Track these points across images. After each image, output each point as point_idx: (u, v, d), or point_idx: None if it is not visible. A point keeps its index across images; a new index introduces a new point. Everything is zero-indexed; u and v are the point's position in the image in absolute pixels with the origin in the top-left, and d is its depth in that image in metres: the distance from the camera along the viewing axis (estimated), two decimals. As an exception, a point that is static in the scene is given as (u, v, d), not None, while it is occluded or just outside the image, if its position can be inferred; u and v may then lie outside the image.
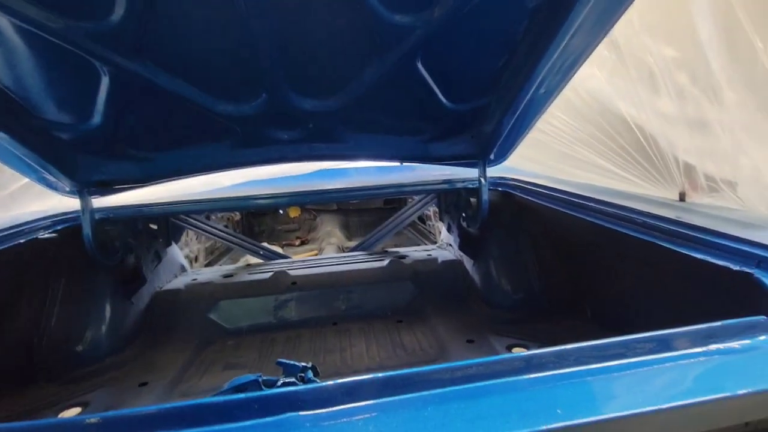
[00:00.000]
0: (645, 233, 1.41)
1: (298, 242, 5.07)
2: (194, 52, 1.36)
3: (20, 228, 1.75)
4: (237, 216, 4.91)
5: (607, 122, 1.73)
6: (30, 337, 1.83)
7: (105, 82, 1.38)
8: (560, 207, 1.87)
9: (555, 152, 2.04)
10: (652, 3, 1.40)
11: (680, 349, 0.77)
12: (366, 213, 5.43)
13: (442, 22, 1.34)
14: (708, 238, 1.22)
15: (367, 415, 0.64)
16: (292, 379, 0.72)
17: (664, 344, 0.78)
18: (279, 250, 3.74)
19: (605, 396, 0.69)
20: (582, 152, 1.90)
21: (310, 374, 0.75)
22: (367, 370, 1.91)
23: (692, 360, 0.76)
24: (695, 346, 0.78)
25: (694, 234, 1.26)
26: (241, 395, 0.63)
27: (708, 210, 1.42)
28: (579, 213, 1.74)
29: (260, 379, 0.70)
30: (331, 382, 0.67)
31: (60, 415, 1.64)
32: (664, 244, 1.31)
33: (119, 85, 1.40)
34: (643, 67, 1.48)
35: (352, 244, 4.49)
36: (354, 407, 0.65)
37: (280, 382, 0.72)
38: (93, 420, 0.62)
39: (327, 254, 4.13)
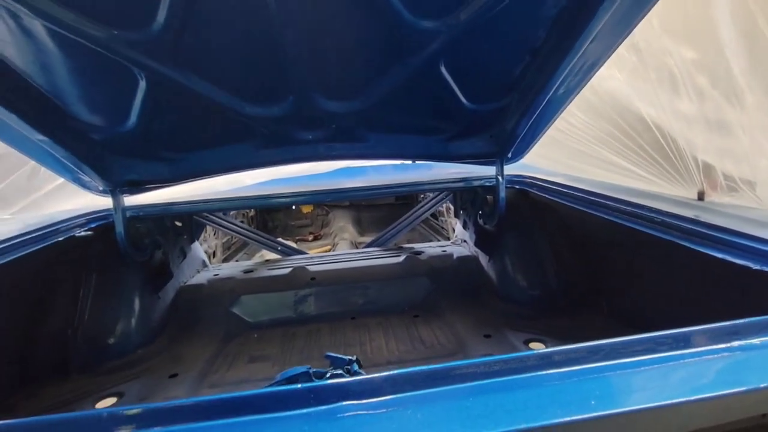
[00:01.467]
0: (663, 232, 1.44)
1: (311, 237, 5.14)
2: (227, 59, 1.42)
3: (58, 226, 1.82)
4: (252, 211, 4.99)
5: (626, 121, 1.76)
6: (66, 330, 1.91)
7: (141, 86, 1.44)
8: (577, 205, 1.90)
9: (572, 150, 2.07)
10: (673, 6, 1.42)
11: (703, 346, 0.81)
12: (378, 209, 5.49)
13: (466, 26, 1.37)
14: (727, 237, 1.25)
15: (413, 405, 0.69)
16: (340, 371, 0.78)
17: (688, 341, 0.82)
18: (294, 245, 3.82)
19: (633, 389, 0.73)
20: (599, 151, 1.93)
21: (356, 366, 0.81)
22: (387, 364, 1.96)
23: (715, 356, 0.80)
24: (717, 342, 0.82)
25: (713, 233, 1.29)
26: (298, 386, 0.68)
27: (727, 209, 1.45)
28: (596, 211, 1.77)
29: (311, 371, 0.76)
30: (378, 375, 0.72)
31: (97, 405, 1.72)
32: (683, 243, 1.34)
33: (154, 89, 1.46)
34: (664, 69, 1.51)
35: (365, 239, 4.56)
36: (401, 397, 0.70)
37: (329, 374, 0.77)
38: (135, 410, 0.67)
39: (342, 250, 4.20)
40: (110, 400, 1.75)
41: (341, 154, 2.09)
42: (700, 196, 1.60)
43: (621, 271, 1.87)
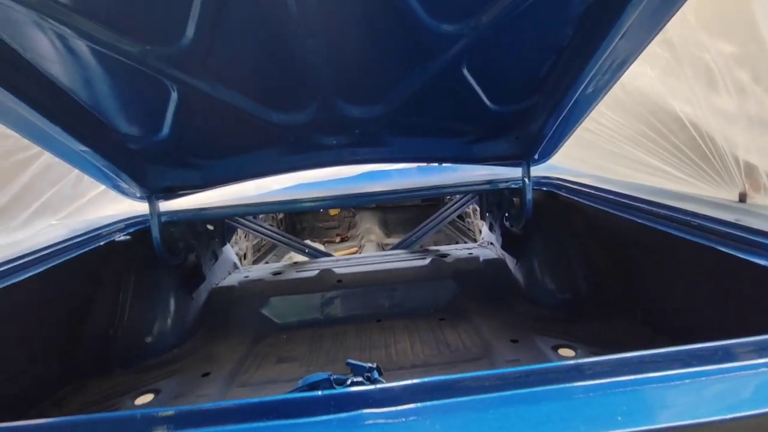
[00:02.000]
0: (700, 236, 1.38)
1: (338, 239, 5.20)
2: (252, 69, 1.46)
3: (100, 231, 1.93)
4: (280, 215, 5.10)
5: (659, 120, 1.68)
6: (108, 330, 2.03)
7: (173, 98, 1.51)
8: (608, 207, 1.84)
9: (602, 151, 2.00)
10: (710, -1, 1.36)
11: (743, 360, 0.77)
12: (404, 210, 5.50)
13: (488, 28, 1.36)
14: (771, 242, 1.18)
15: (432, 415, 0.70)
16: (360, 378, 0.79)
17: (726, 354, 0.78)
18: (321, 247, 3.88)
19: (664, 405, 0.71)
20: (631, 151, 1.86)
21: (376, 374, 0.82)
22: (412, 367, 1.96)
23: (755, 371, 0.75)
24: (758, 356, 0.78)
25: (756, 238, 1.22)
26: (319, 393, 0.70)
27: (771, 212, 1.36)
28: (628, 213, 1.71)
29: (331, 378, 0.77)
30: (397, 383, 0.73)
31: (136, 401, 1.81)
32: (722, 249, 1.28)
33: (185, 100, 1.53)
34: (700, 65, 1.43)
35: (391, 240, 4.58)
36: (420, 407, 0.70)
37: (349, 381, 0.79)
38: (169, 412, 0.71)
39: (368, 252, 4.23)
40: (148, 397, 1.84)
41: (365, 158, 2.11)
42: (742, 198, 1.51)
43: (655, 277, 1.80)
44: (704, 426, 0.66)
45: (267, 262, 4.21)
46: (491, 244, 2.84)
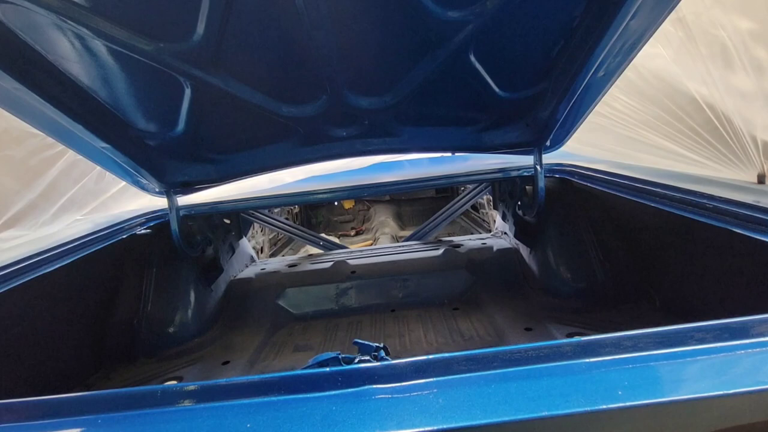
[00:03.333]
0: (718, 219, 1.35)
1: (353, 232, 5.25)
2: (262, 63, 1.49)
3: (122, 225, 2.01)
4: (296, 208, 5.17)
5: (674, 102, 1.64)
6: (132, 320, 2.11)
7: (187, 94, 1.55)
8: (622, 193, 1.81)
9: (617, 136, 1.97)
10: (725, -27, 1.32)
11: (744, 338, 0.76)
12: (418, 202, 5.50)
13: (494, 13, 1.35)
14: (790, 223, 1.15)
15: (435, 390, 0.72)
16: (367, 357, 0.81)
17: (731, 332, 0.78)
18: (336, 240, 3.93)
19: (665, 381, 0.71)
20: (646, 135, 1.82)
21: (383, 353, 0.84)
22: (426, 355, 1.98)
23: (754, 350, 0.75)
24: (756, 336, 0.77)
25: (774, 219, 1.19)
26: (327, 369, 0.73)
27: (791, 193, 1.32)
28: (643, 199, 1.68)
29: (340, 357, 0.80)
30: (402, 360, 0.75)
31: (160, 387, 1.89)
32: (739, 231, 1.25)
33: (199, 96, 1.57)
34: (715, 43, 1.39)
35: (406, 233, 4.59)
36: (423, 383, 0.73)
37: (357, 360, 0.81)
38: (191, 387, 0.75)
39: (383, 244, 4.26)
40: (171, 384, 1.91)
41: (377, 149, 2.12)
42: (761, 179, 1.47)
43: (673, 262, 1.77)
44: (705, 401, 0.66)
45: (283, 256, 4.29)
46: (505, 233, 2.83)
